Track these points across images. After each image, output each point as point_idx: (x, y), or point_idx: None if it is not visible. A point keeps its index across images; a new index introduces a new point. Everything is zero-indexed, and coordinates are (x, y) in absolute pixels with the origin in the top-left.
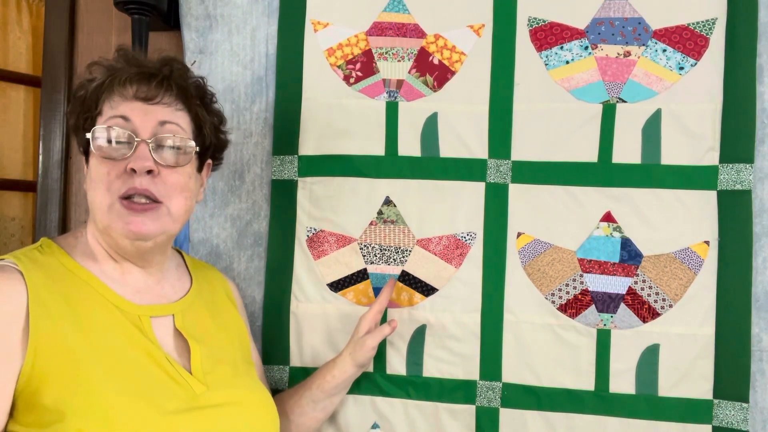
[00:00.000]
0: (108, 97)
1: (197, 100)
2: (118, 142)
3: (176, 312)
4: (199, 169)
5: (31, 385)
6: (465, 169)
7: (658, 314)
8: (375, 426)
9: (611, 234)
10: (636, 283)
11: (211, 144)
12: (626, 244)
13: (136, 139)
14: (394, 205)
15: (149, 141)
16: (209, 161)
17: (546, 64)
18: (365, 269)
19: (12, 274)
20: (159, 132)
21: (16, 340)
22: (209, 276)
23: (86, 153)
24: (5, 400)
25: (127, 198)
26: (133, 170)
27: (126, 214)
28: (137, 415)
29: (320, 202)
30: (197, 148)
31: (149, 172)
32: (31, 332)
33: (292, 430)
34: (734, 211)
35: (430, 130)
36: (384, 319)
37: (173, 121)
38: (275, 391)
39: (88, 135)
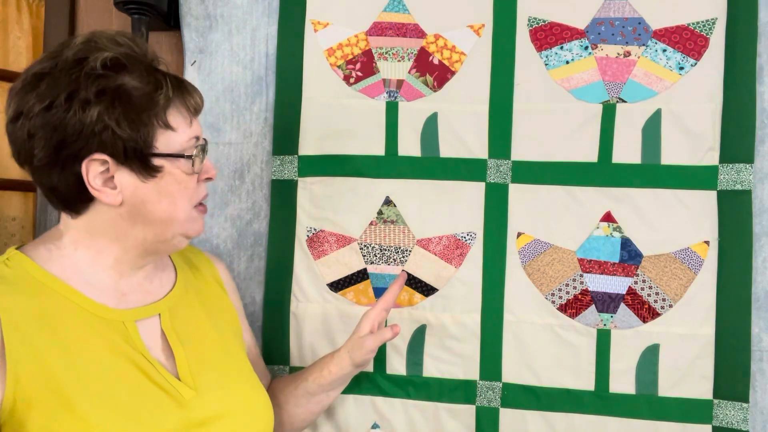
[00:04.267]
0: (173, 110)
1: None
2: (201, 158)
3: (162, 310)
4: None
5: (15, 416)
6: (465, 169)
7: (658, 314)
8: (375, 426)
9: (611, 234)
10: (636, 283)
11: None
12: (626, 244)
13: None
14: (394, 205)
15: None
16: None
17: (546, 64)
18: (365, 269)
19: None
20: None
21: None
22: (193, 260)
23: (147, 168)
24: None
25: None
26: (208, 178)
27: (200, 217)
28: None
29: (320, 202)
30: None
31: None
32: (8, 361)
33: (284, 419)
34: (734, 211)
35: (430, 130)
36: (384, 319)
37: None
38: None
39: (192, 153)
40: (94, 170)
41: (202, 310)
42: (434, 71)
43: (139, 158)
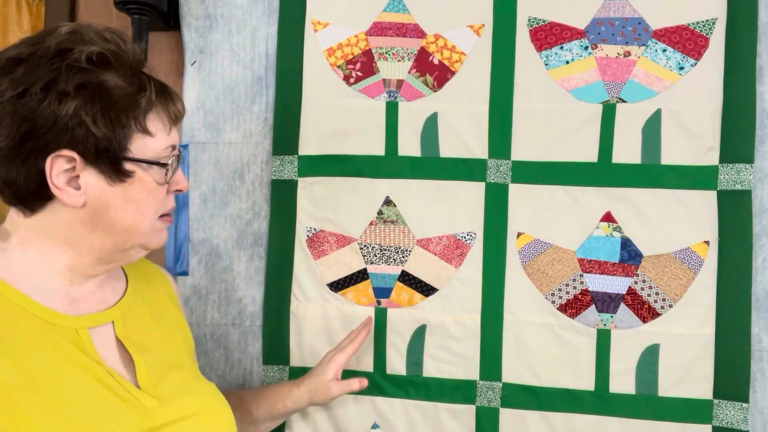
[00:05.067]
0: (154, 115)
1: None
2: (175, 168)
3: (116, 318)
4: None
5: None
6: (465, 169)
7: (658, 314)
8: (375, 426)
9: (611, 234)
10: (636, 283)
11: None
12: (626, 244)
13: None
14: (394, 205)
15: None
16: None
17: (546, 64)
18: (365, 269)
19: None
20: None
21: None
22: (144, 270)
23: (118, 172)
24: None
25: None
26: (178, 190)
27: (164, 229)
28: None
29: (320, 202)
30: None
31: None
32: None
33: None
34: (734, 211)
35: (430, 130)
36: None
37: None
38: None
39: (167, 161)
40: (58, 167)
41: (152, 319)
42: (434, 71)
43: (111, 160)
